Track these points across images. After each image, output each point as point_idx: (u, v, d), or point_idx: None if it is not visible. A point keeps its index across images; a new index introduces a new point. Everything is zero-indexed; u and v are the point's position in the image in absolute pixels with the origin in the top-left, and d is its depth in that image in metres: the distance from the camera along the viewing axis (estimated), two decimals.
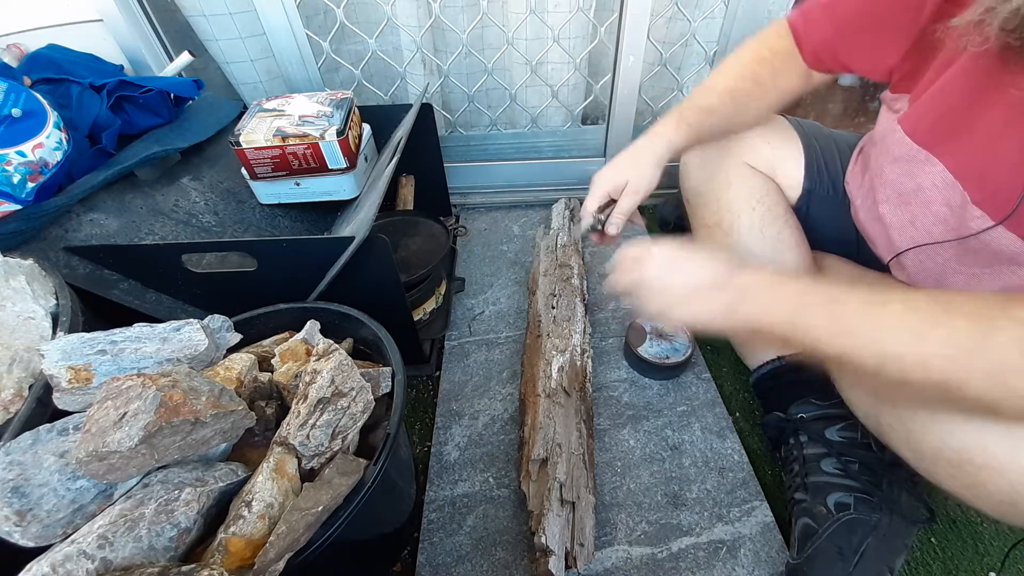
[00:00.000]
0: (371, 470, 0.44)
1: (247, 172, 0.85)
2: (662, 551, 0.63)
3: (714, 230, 0.73)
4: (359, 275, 0.65)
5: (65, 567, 0.35)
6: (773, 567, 0.62)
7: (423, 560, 0.64)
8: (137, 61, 0.95)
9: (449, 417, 0.80)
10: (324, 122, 0.83)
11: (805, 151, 0.72)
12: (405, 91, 1.17)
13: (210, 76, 1.07)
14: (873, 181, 0.61)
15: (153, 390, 0.38)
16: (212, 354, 0.51)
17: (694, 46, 1.13)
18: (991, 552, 0.64)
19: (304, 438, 0.45)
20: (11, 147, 0.62)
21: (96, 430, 0.37)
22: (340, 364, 0.48)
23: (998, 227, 0.46)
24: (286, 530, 0.38)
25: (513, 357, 0.89)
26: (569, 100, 1.21)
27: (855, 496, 0.59)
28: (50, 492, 0.38)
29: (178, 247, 0.64)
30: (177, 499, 0.39)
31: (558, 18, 1.07)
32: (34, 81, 0.78)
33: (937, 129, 0.50)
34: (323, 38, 1.04)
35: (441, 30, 1.13)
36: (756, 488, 0.69)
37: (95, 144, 0.78)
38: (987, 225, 0.47)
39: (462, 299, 1.01)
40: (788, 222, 0.70)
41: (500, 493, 0.70)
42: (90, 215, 0.71)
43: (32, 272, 0.55)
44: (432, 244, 0.91)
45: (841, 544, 0.57)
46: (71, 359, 0.45)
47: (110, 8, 0.88)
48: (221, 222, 0.84)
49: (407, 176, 1.10)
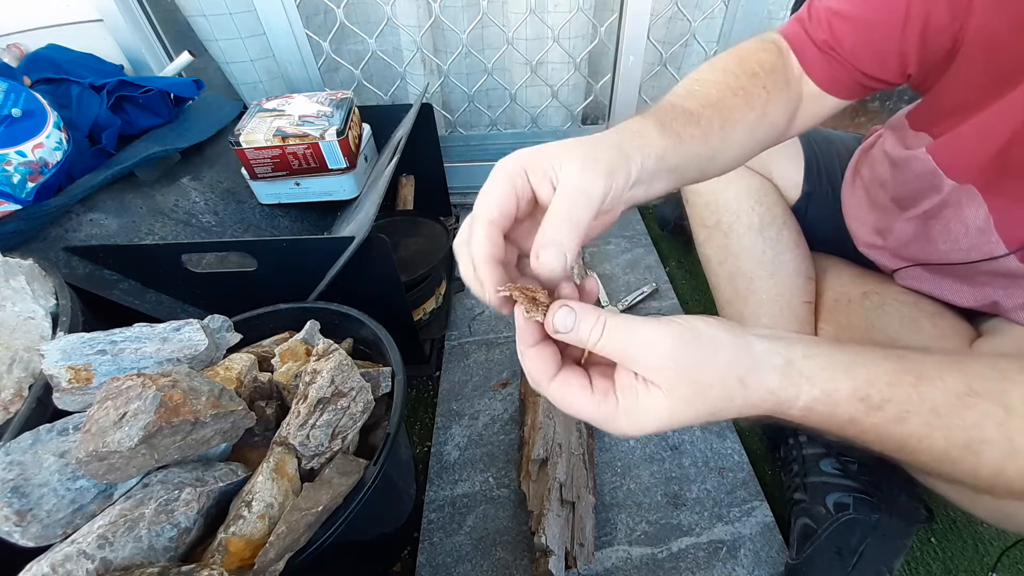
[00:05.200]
0: (371, 470, 0.44)
1: (247, 172, 0.85)
2: (662, 551, 0.63)
3: (713, 230, 0.73)
4: (359, 275, 0.65)
5: (65, 567, 0.35)
6: (773, 567, 0.62)
7: (423, 560, 0.64)
8: (137, 61, 0.95)
9: (449, 417, 0.80)
10: (324, 122, 0.83)
11: (805, 153, 0.72)
12: (405, 91, 1.18)
13: (210, 76, 1.07)
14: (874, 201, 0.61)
15: (153, 390, 0.38)
16: (212, 354, 0.51)
17: (694, 46, 1.13)
18: (991, 552, 0.64)
19: (304, 438, 0.45)
20: (11, 147, 0.62)
21: (96, 430, 0.37)
22: (340, 364, 0.48)
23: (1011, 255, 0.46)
24: (286, 530, 0.39)
25: (513, 357, 0.89)
26: (569, 100, 1.21)
27: (854, 496, 0.59)
28: (50, 492, 0.38)
29: (178, 247, 0.64)
30: (177, 499, 0.39)
31: (558, 18, 1.07)
32: (34, 81, 0.78)
33: (989, 169, 0.45)
34: (323, 38, 1.04)
35: (441, 30, 1.13)
36: (756, 488, 0.69)
37: (95, 144, 0.78)
38: (1001, 252, 0.47)
39: (462, 299, 1.01)
40: (787, 223, 0.70)
41: (500, 493, 0.70)
42: (90, 215, 0.71)
43: (32, 272, 0.55)
44: (432, 244, 0.91)
45: (840, 544, 0.57)
46: (71, 359, 0.45)
47: (110, 8, 0.88)
48: (221, 222, 0.84)
49: (407, 176, 1.10)
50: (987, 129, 0.43)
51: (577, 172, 0.29)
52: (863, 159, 0.66)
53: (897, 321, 0.59)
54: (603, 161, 0.30)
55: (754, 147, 0.47)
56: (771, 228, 0.69)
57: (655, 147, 0.35)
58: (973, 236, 0.49)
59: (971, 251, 0.50)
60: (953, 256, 0.52)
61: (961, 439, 0.28)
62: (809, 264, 0.70)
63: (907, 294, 0.61)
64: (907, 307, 0.59)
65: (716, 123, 0.41)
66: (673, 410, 0.27)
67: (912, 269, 0.59)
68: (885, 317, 0.60)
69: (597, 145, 0.32)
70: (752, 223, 0.69)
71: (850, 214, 0.68)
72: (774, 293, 0.68)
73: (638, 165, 0.33)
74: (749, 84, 0.45)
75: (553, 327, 0.28)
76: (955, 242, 0.51)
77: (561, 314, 0.28)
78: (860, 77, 0.46)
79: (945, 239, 0.52)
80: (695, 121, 0.40)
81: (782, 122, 0.48)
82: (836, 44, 0.45)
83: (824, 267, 0.71)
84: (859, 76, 0.46)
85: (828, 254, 0.74)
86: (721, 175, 0.46)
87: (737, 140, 0.44)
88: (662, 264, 1.08)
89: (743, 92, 0.44)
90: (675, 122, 0.38)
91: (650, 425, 0.28)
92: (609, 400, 0.28)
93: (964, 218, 0.49)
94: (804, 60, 0.48)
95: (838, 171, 0.71)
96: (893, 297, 0.61)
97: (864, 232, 0.65)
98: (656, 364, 0.27)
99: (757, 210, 0.69)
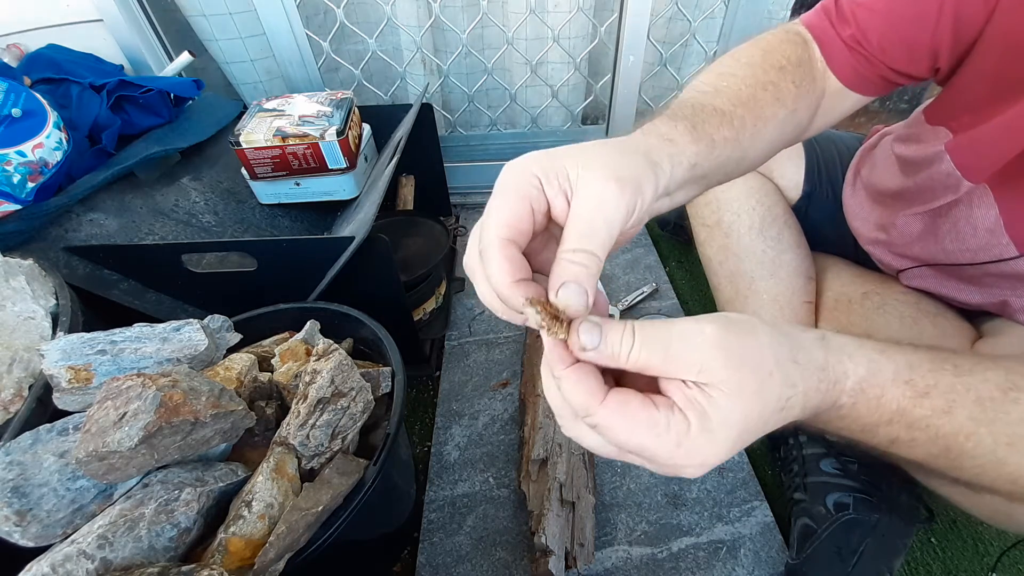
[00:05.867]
0: (371, 470, 0.44)
1: (247, 172, 0.85)
2: (662, 551, 0.63)
3: (714, 230, 0.73)
4: (359, 275, 0.65)
5: (65, 567, 0.35)
6: (773, 567, 0.62)
7: (423, 560, 0.64)
8: (137, 61, 0.95)
9: (449, 417, 0.80)
10: (324, 122, 0.83)
11: (806, 153, 0.72)
12: (405, 91, 1.18)
13: (210, 76, 1.07)
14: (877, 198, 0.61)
15: (153, 390, 0.38)
16: (212, 354, 0.51)
17: (694, 46, 1.13)
18: (991, 552, 0.64)
19: (304, 438, 0.45)
20: (11, 147, 0.62)
21: (96, 430, 0.37)
22: (340, 364, 0.48)
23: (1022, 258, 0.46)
24: (286, 530, 0.39)
25: (513, 357, 0.89)
26: (569, 100, 1.21)
27: (854, 496, 0.59)
28: (50, 492, 0.38)
29: (178, 247, 0.64)
30: (177, 499, 0.39)
31: (558, 18, 1.07)
32: (34, 81, 0.78)
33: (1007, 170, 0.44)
34: (323, 38, 1.04)
35: (441, 30, 1.13)
36: (756, 488, 0.69)
37: (95, 144, 0.78)
38: (1012, 254, 0.47)
39: (462, 299, 1.01)
40: (788, 223, 0.70)
41: (500, 493, 0.70)
42: (90, 215, 0.71)
43: (32, 272, 0.55)
44: (432, 244, 0.91)
45: (840, 544, 0.57)
46: (71, 359, 0.45)
47: (110, 8, 0.88)
48: (221, 222, 0.84)
49: (407, 176, 1.10)
50: (1011, 130, 0.41)
51: (598, 189, 0.25)
52: (865, 159, 0.66)
53: (898, 321, 0.59)
54: (628, 174, 0.25)
55: (779, 146, 0.44)
56: (772, 228, 0.69)
57: (687, 155, 0.31)
58: (982, 237, 0.48)
59: (980, 252, 0.49)
60: (960, 256, 0.52)
61: (1006, 435, 0.27)
62: (810, 264, 0.70)
63: (908, 294, 0.61)
64: (908, 307, 0.59)
65: (749, 123, 0.38)
66: (747, 412, 0.23)
67: (918, 269, 0.59)
68: (886, 317, 0.60)
69: (622, 151, 0.27)
70: (753, 223, 0.69)
71: (852, 213, 0.68)
72: (775, 293, 0.68)
73: (667, 175, 0.29)
74: (778, 79, 0.42)
75: (580, 344, 0.23)
76: (962, 242, 0.50)
77: (586, 327, 0.24)
78: (887, 73, 0.44)
79: (952, 238, 0.51)
80: (728, 122, 0.36)
81: (806, 119, 0.45)
82: (863, 39, 0.43)
83: (824, 267, 0.71)
84: (886, 72, 0.44)
85: (828, 254, 0.74)
86: (743, 175, 0.44)
87: (767, 139, 0.41)
88: (662, 264, 1.08)
89: (773, 87, 0.41)
90: (707, 124, 0.34)
91: (731, 438, 0.23)
92: (678, 420, 0.23)
93: (973, 218, 0.48)
94: (828, 53, 0.45)
95: (839, 171, 0.71)
96: (894, 297, 0.61)
97: (867, 229, 0.64)
98: (706, 359, 0.23)
99: (758, 210, 0.69)
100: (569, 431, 0.26)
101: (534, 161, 0.26)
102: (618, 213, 0.25)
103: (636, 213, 0.26)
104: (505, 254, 0.24)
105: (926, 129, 0.52)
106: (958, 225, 0.50)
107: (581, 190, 0.25)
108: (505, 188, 0.26)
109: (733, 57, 0.43)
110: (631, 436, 0.23)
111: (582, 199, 0.25)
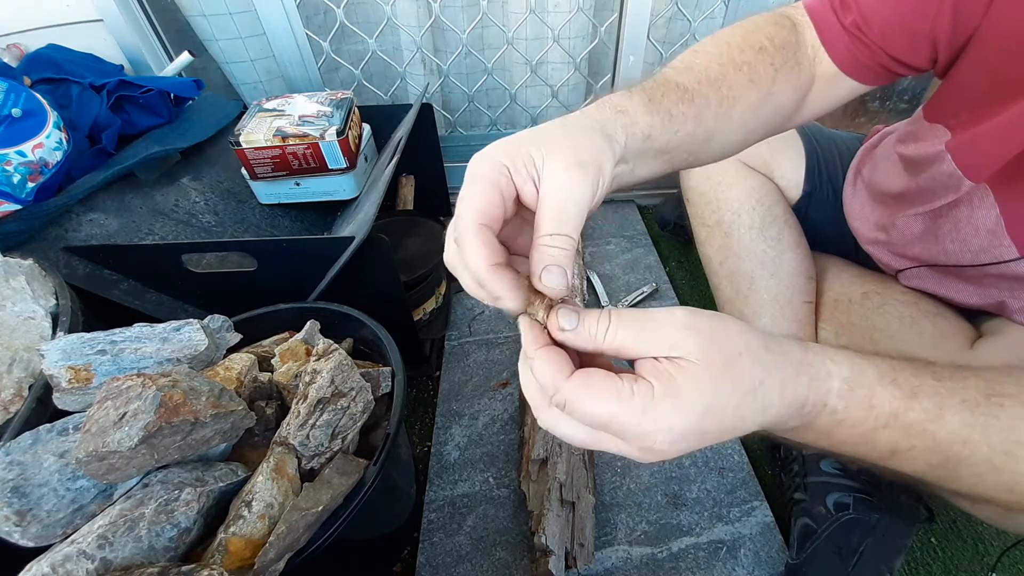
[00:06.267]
0: (371, 470, 0.45)
1: (247, 172, 0.85)
2: (662, 551, 0.63)
3: (714, 230, 0.73)
4: (359, 275, 0.65)
5: (65, 567, 0.35)
6: (773, 567, 0.62)
7: (423, 560, 0.64)
8: (137, 61, 0.95)
9: (449, 417, 0.80)
10: (324, 122, 0.83)
11: (806, 153, 0.72)
12: (405, 91, 1.18)
13: (210, 76, 1.07)
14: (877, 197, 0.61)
15: (153, 390, 0.38)
16: (212, 354, 0.51)
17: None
18: (991, 552, 0.64)
19: (304, 438, 0.45)
20: (11, 147, 0.62)
21: (96, 430, 0.37)
22: (340, 364, 0.48)
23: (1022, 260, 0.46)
24: (286, 530, 0.39)
25: (513, 357, 0.89)
26: (569, 100, 1.21)
27: (854, 496, 0.59)
28: (50, 492, 0.38)
29: (178, 247, 0.64)
30: (177, 499, 0.39)
31: (558, 18, 1.07)
32: (34, 81, 0.78)
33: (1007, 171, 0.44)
34: (323, 38, 1.04)
35: (441, 30, 1.13)
36: (756, 488, 0.69)
37: (95, 144, 0.78)
38: (1013, 256, 0.47)
39: (462, 299, 1.01)
40: (788, 223, 0.70)
41: (500, 493, 0.70)
42: (90, 215, 0.71)
43: (32, 272, 0.55)
44: (432, 244, 0.91)
45: (840, 544, 0.57)
46: (71, 359, 0.45)
47: (110, 8, 0.88)
48: (221, 222, 0.84)
49: (407, 176, 1.10)
50: (1011, 129, 0.41)
51: (564, 176, 0.26)
52: (866, 159, 0.66)
53: (897, 321, 0.59)
54: (588, 157, 0.27)
55: (757, 130, 0.44)
56: (772, 228, 0.69)
57: (640, 125, 0.33)
58: (983, 238, 0.48)
59: (980, 253, 0.49)
60: (960, 257, 0.51)
61: (1000, 441, 0.27)
62: (810, 264, 0.70)
63: (908, 294, 0.61)
64: (908, 307, 0.59)
65: (713, 101, 0.38)
66: (715, 383, 0.24)
67: (917, 269, 0.59)
68: (885, 317, 0.60)
69: (580, 130, 0.29)
70: (753, 223, 0.69)
71: (852, 213, 0.67)
72: (775, 292, 0.68)
73: (621, 145, 0.31)
74: (755, 59, 0.42)
75: (559, 325, 0.25)
76: (963, 242, 0.50)
77: (564, 311, 0.26)
78: (886, 61, 0.43)
79: (953, 238, 0.51)
80: (688, 98, 0.37)
81: (790, 105, 0.45)
82: (865, 25, 0.42)
83: (824, 267, 0.71)
84: (885, 60, 0.43)
85: (829, 254, 0.74)
86: (718, 160, 0.44)
87: (737, 121, 0.41)
88: (662, 264, 1.08)
89: (747, 67, 0.41)
90: (665, 99, 0.35)
91: (700, 404, 0.24)
92: (642, 386, 0.24)
93: (975, 219, 0.48)
94: (826, 38, 0.44)
95: (839, 171, 0.71)
96: (893, 297, 0.61)
97: (867, 229, 0.64)
98: (678, 337, 0.24)
99: (758, 209, 0.69)
100: (543, 420, 0.27)
101: (500, 150, 0.28)
102: (584, 196, 0.26)
103: (600, 190, 0.28)
104: (481, 239, 0.26)
105: (924, 127, 0.52)
106: (959, 226, 0.50)
107: (548, 177, 0.27)
108: (475, 178, 0.27)
109: (714, 37, 0.44)
110: (597, 405, 0.24)
111: (550, 186, 0.26)
